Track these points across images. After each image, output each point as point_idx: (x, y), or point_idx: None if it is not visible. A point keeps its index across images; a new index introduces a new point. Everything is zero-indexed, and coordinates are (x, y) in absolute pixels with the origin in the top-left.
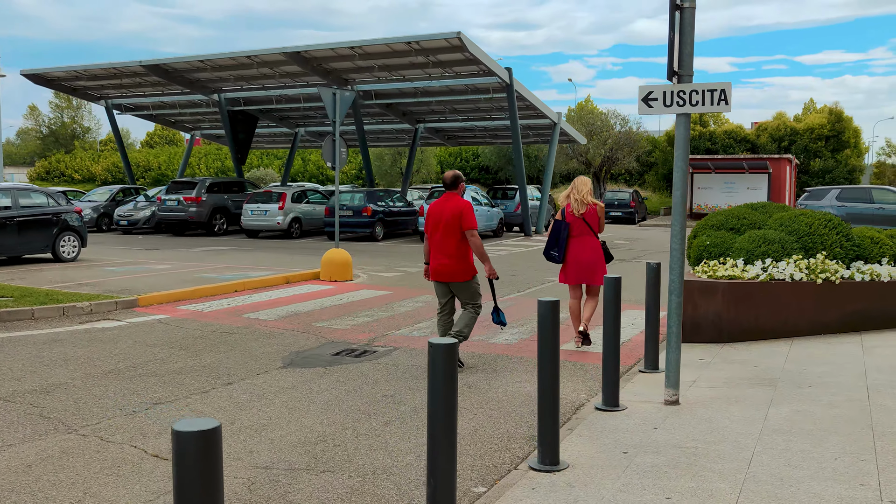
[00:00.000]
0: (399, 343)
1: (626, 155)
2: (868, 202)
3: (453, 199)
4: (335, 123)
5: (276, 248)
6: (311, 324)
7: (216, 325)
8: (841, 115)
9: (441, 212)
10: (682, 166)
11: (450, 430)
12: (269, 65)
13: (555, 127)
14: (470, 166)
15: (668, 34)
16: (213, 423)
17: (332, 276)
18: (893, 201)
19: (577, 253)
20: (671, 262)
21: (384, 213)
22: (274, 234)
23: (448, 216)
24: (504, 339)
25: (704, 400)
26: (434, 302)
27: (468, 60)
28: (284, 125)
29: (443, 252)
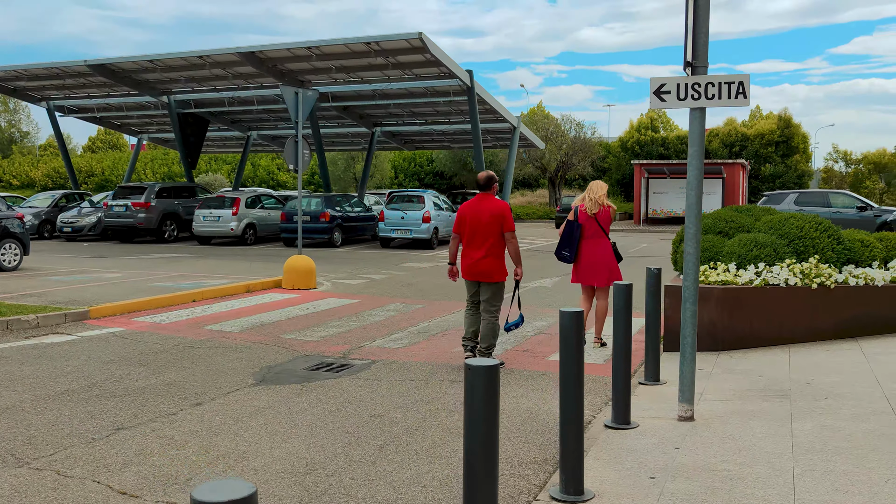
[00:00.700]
0: (376, 355)
1: (581, 160)
2: (825, 206)
3: (489, 199)
4: (297, 124)
5: (232, 256)
6: (279, 336)
7: (177, 339)
8: (790, 121)
9: (478, 212)
10: (697, 164)
11: (491, 467)
12: (222, 65)
13: (514, 131)
14: (424, 171)
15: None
16: (247, 487)
17: (294, 284)
18: (850, 205)
19: (590, 254)
20: (685, 268)
21: (343, 218)
22: (227, 241)
23: (487, 217)
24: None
25: (719, 415)
26: (406, 310)
27: (429, 62)
28: (236, 128)
29: (480, 251)
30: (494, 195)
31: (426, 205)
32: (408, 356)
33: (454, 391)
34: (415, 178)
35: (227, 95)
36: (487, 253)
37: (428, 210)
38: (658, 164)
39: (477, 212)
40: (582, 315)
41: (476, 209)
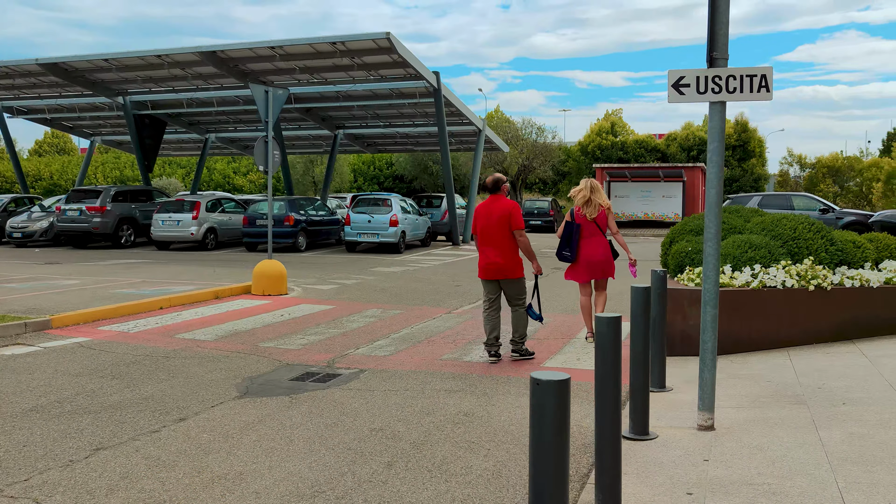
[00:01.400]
0: (363, 364)
1: (542, 164)
2: (788, 208)
3: (500, 200)
4: (268, 124)
5: (193, 261)
6: (256, 344)
7: (148, 348)
8: (746, 125)
9: (490, 213)
10: (717, 161)
11: (562, 493)
12: (181, 65)
13: (479, 134)
14: (384, 175)
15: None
16: None
17: (265, 289)
18: (812, 207)
19: (589, 252)
20: (705, 269)
21: (307, 222)
22: (187, 246)
23: (497, 217)
24: (480, 356)
25: (739, 423)
26: (385, 315)
27: (395, 63)
28: (194, 131)
29: (493, 251)
30: (505, 195)
31: (393, 208)
32: (396, 364)
33: (454, 401)
34: (374, 182)
35: (186, 96)
36: (500, 252)
37: (395, 213)
38: (620, 168)
39: (488, 213)
40: (620, 321)
41: (487, 210)
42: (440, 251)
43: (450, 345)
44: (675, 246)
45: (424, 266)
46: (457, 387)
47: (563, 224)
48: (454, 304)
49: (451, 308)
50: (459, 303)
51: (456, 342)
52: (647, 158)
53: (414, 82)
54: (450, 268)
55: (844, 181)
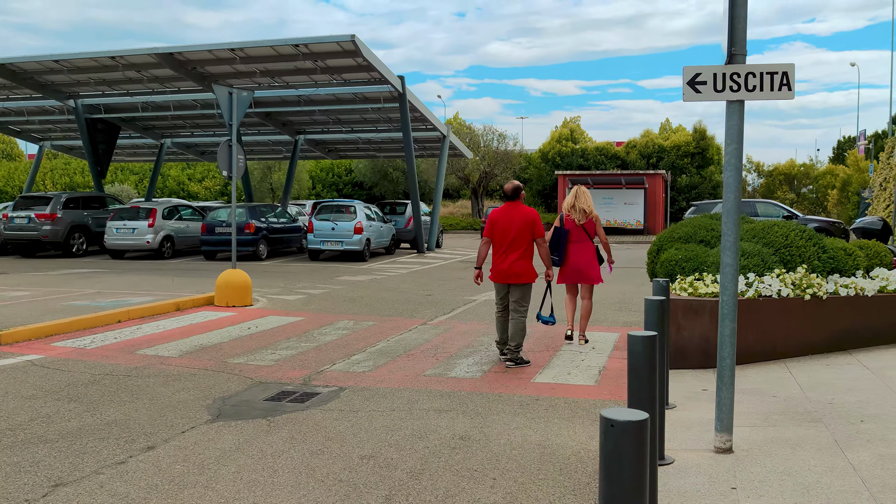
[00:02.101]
0: (342, 381)
1: (504, 171)
2: (753, 215)
3: (519, 207)
4: (232, 127)
5: (150, 270)
6: (225, 360)
7: (108, 366)
8: (704, 133)
9: (510, 219)
10: (736, 164)
11: None
12: (137, 67)
13: (444, 140)
14: (343, 182)
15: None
16: None
17: (229, 301)
18: (776, 214)
19: (576, 257)
20: (722, 280)
21: (268, 229)
22: (142, 255)
23: (519, 223)
24: (465, 371)
25: (757, 445)
26: (358, 328)
27: (360, 67)
28: (149, 136)
29: (513, 256)
30: (522, 202)
31: (358, 215)
32: (378, 381)
33: (446, 423)
34: (333, 189)
35: (141, 100)
36: (521, 256)
37: (360, 221)
38: (583, 175)
39: (509, 219)
40: (655, 340)
41: (507, 216)
42: (405, 259)
43: (431, 359)
44: (664, 254)
45: (391, 274)
46: (446, 406)
47: (552, 229)
48: (428, 314)
49: (426, 319)
50: (434, 313)
51: (437, 356)
52: (608, 166)
53: (378, 87)
54: (418, 276)
55: (800, 188)
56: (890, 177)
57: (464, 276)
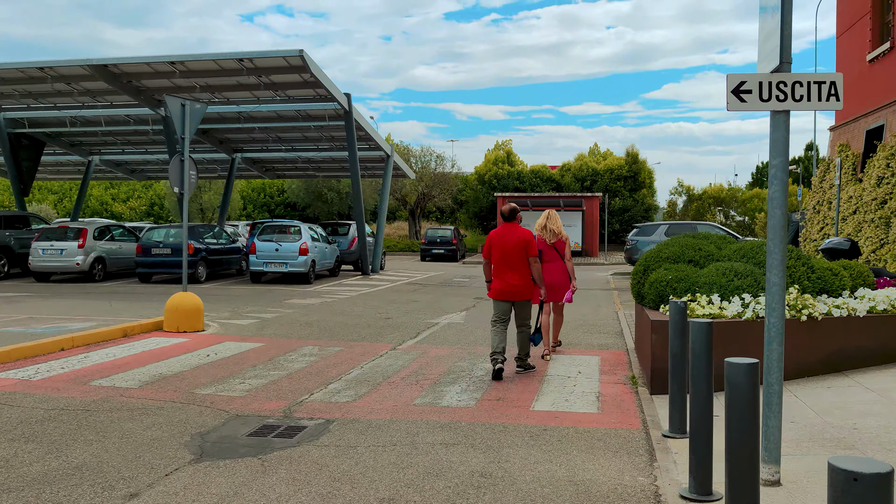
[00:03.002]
0: (326, 412)
1: (441, 192)
2: None
3: (516, 228)
4: (184, 140)
5: (83, 294)
6: (191, 391)
7: (61, 400)
8: (637, 156)
9: (507, 240)
10: (781, 177)
11: None
12: (67, 80)
13: (388, 160)
14: (275, 202)
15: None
16: None
17: (179, 326)
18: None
19: (549, 276)
20: (768, 300)
21: (207, 250)
22: (70, 278)
23: (514, 243)
24: (457, 400)
25: (802, 475)
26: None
27: (306, 83)
28: (76, 152)
29: (511, 274)
30: (519, 223)
31: (303, 236)
32: (366, 412)
33: (458, 458)
34: (265, 209)
35: (70, 114)
36: (521, 276)
37: (305, 241)
38: (522, 197)
39: (505, 240)
40: (757, 368)
41: (504, 237)
42: (351, 281)
43: (415, 387)
44: (653, 275)
45: (341, 297)
46: (451, 439)
47: None
48: (394, 338)
49: (394, 344)
50: (399, 338)
51: (420, 384)
52: (543, 188)
53: (324, 104)
54: (369, 299)
55: (728, 211)
56: (824, 200)
57: (417, 298)
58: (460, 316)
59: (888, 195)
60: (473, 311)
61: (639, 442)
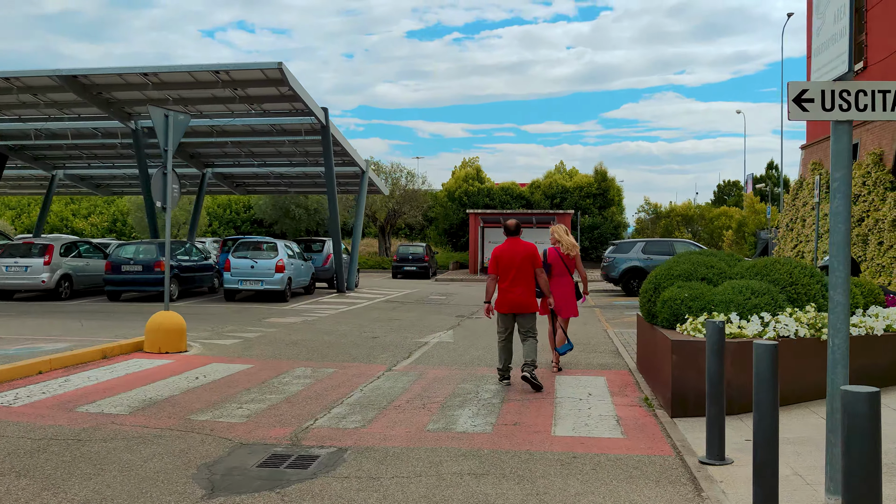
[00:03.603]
0: (337, 440)
1: (412, 209)
2: (670, 254)
3: (520, 242)
4: (167, 153)
5: (51, 313)
6: (187, 417)
7: (49, 429)
8: (605, 174)
9: (513, 254)
10: (845, 191)
11: None
12: (34, 91)
13: (363, 176)
14: (241, 219)
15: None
16: None
17: (161, 346)
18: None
19: (556, 290)
20: (832, 320)
21: (179, 268)
22: (35, 295)
23: (522, 256)
24: (472, 425)
25: None
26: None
27: (283, 97)
28: (40, 166)
29: (519, 288)
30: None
31: (279, 253)
32: (379, 440)
33: (493, 490)
34: (230, 226)
35: (35, 126)
36: (526, 288)
37: (282, 258)
38: (494, 214)
39: (512, 253)
40: (879, 397)
41: (510, 251)
42: (329, 299)
43: (423, 411)
44: (666, 293)
45: (322, 316)
46: (478, 468)
47: None
48: (386, 359)
49: (388, 364)
50: (392, 358)
51: (428, 408)
52: (513, 205)
53: (300, 118)
54: (350, 317)
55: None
56: (797, 217)
57: (398, 316)
58: (448, 335)
59: (864, 213)
60: (460, 330)
61: (677, 470)
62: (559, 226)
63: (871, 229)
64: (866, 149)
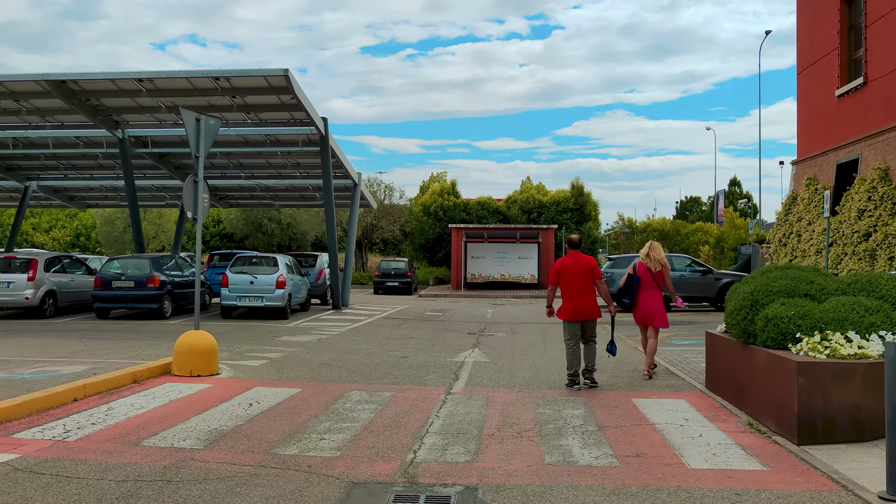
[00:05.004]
0: (455, 476)
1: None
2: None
3: (582, 255)
4: (198, 160)
5: (42, 332)
6: (271, 451)
7: (125, 468)
8: (582, 189)
9: (576, 266)
10: None
11: None
12: (17, 96)
13: (355, 189)
14: (211, 233)
15: None
16: None
17: (192, 369)
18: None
19: (645, 301)
20: None
21: (172, 284)
22: (15, 313)
23: (583, 268)
24: (592, 457)
25: None
26: (381, 399)
27: (283, 105)
28: (13, 177)
29: (582, 297)
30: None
31: (280, 268)
32: (504, 476)
33: None
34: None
35: (13, 135)
36: (588, 297)
37: (282, 274)
38: (478, 229)
39: (575, 266)
40: None
41: (573, 264)
42: (328, 316)
43: (523, 440)
44: (768, 310)
45: (333, 334)
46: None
47: (626, 276)
48: (434, 380)
49: (444, 387)
50: (441, 379)
51: (525, 436)
52: (490, 220)
53: (298, 128)
54: (362, 335)
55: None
56: (791, 233)
57: (410, 333)
58: (478, 354)
59: (872, 228)
60: (486, 349)
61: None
62: (651, 242)
63: (880, 244)
64: (869, 164)
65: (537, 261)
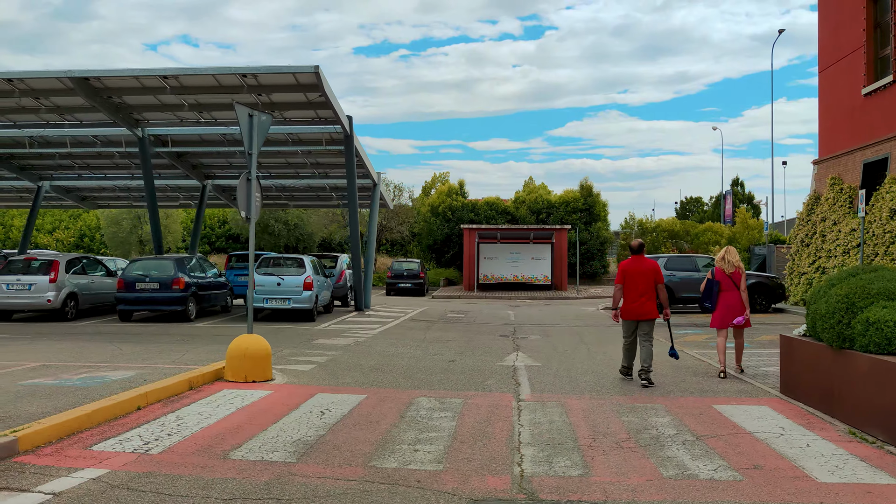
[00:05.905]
0: (576, 492)
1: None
2: (694, 270)
3: (644, 259)
4: (251, 157)
5: (69, 335)
6: (370, 465)
7: (227, 483)
8: (591, 189)
9: (638, 269)
10: None
11: None
12: (38, 94)
13: (374, 188)
14: (216, 234)
15: None
16: None
17: (247, 374)
18: None
19: (725, 303)
20: None
21: (197, 286)
22: (35, 316)
23: (646, 271)
24: (709, 471)
25: None
26: (455, 406)
27: (310, 104)
28: (26, 177)
29: (644, 298)
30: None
31: (307, 269)
32: (630, 492)
33: None
34: (205, 241)
35: (30, 133)
36: (649, 298)
37: (309, 275)
38: (491, 230)
39: (638, 269)
40: None
41: (636, 267)
42: (353, 318)
43: (627, 452)
44: (868, 313)
45: (367, 336)
46: None
47: (706, 281)
48: (495, 386)
49: (510, 393)
50: (502, 385)
51: (627, 448)
52: (498, 220)
53: (322, 127)
54: (396, 338)
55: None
56: (815, 233)
57: (443, 336)
58: (524, 357)
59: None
60: (530, 352)
61: None
62: (727, 247)
63: None
64: None
65: (550, 261)
